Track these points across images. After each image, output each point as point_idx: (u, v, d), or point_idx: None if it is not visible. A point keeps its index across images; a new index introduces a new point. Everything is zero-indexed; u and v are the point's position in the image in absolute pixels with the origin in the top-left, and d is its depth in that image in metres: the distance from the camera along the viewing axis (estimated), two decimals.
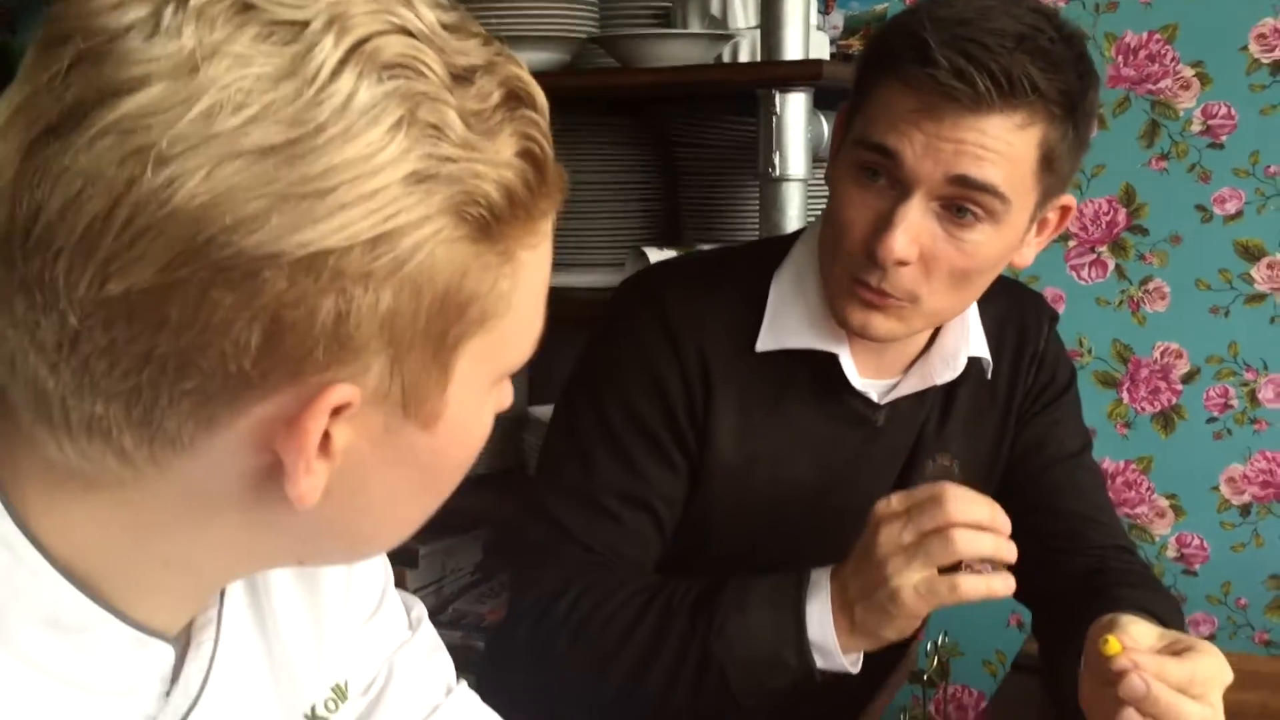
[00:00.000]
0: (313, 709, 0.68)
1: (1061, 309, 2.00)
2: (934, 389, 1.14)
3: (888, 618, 0.93)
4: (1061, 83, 0.94)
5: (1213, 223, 1.92)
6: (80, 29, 0.44)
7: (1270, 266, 1.91)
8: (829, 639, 0.95)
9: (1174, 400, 1.96)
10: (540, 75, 1.56)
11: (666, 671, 1.00)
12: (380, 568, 0.76)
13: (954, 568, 0.93)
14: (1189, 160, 1.90)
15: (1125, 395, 1.99)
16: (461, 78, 0.47)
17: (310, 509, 0.49)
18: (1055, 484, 1.18)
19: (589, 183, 1.90)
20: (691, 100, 1.89)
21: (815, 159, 1.58)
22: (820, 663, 0.96)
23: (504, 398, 0.58)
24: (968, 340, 1.12)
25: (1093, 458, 1.24)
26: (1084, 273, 1.98)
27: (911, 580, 0.91)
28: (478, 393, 0.52)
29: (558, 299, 1.60)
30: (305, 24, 0.44)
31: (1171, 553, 2.00)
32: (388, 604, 0.76)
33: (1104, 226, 1.96)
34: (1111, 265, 1.97)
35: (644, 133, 1.94)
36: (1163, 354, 1.95)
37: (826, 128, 1.62)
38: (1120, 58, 1.90)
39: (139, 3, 0.44)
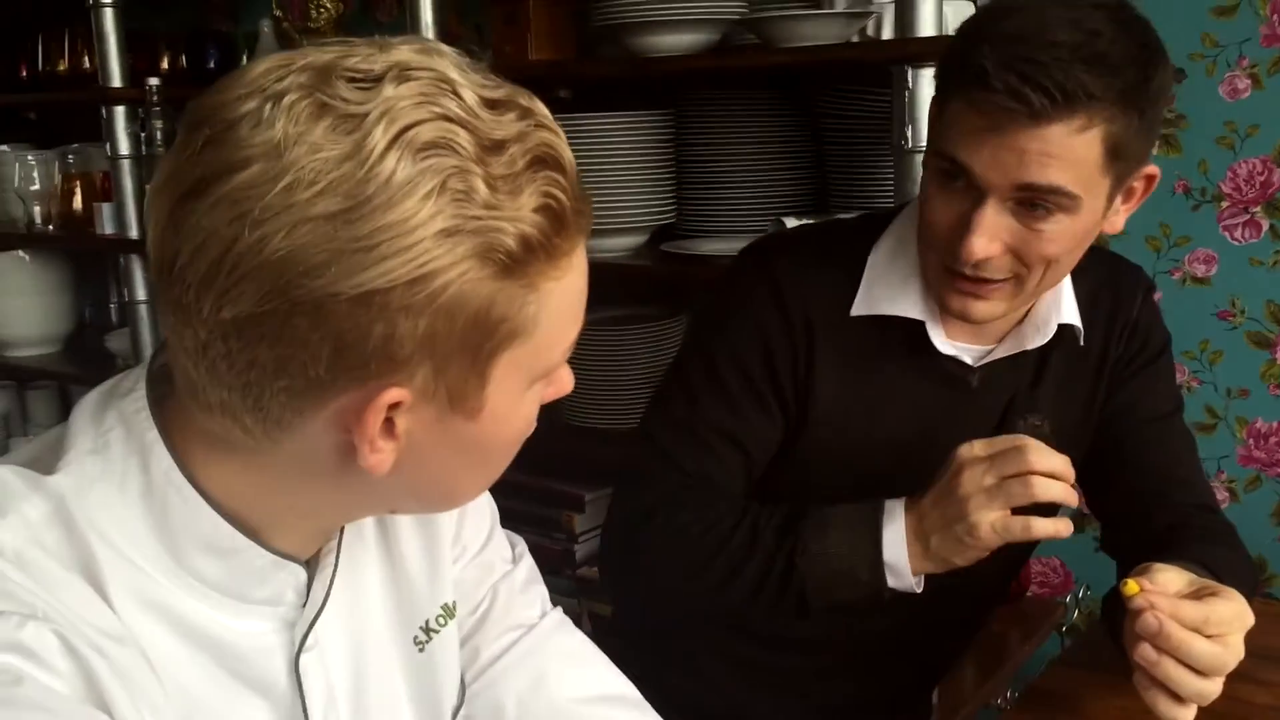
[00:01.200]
0: (426, 622, 0.84)
1: (1214, 270, 2.00)
2: (1029, 354, 1.22)
3: (962, 548, 1.04)
4: (1121, 83, 1.00)
5: None
6: (210, 118, 0.60)
7: None
8: (901, 560, 1.07)
9: None
10: (687, 56, 1.70)
11: (751, 583, 1.13)
12: (488, 513, 0.92)
13: (1025, 510, 1.03)
14: None
15: (1279, 356, 1.98)
16: (492, 148, 0.60)
17: (386, 476, 0.65)
18: (1144, 445, 1.24)
19: (739, 154, 2.02)
20: (836, 74, 1.97)
21: None
22: (891, 581, 1.08)
23: (560, 386, 0.72)
24: (1059, 308, 1.19)
25: (1183, 421, 1.29)
26: (1237, 233, 1.97)
27: (989, 518, 1.02)
28: (516, 391, 0.66)
29: (707, 264, 1.81)
30: (364, 116, 0.58)
31: None
32: (494, 542, 0.92)
33: (1258, 186, 1.94)
34: (1265, 226, 1.95)
35: (793, 106, 2.04)
36: None
37: None
38: (1275, 16, 1.88)
39: (250, 98, 0.59)
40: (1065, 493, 1.01)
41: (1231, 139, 1.95)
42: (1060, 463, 1.01)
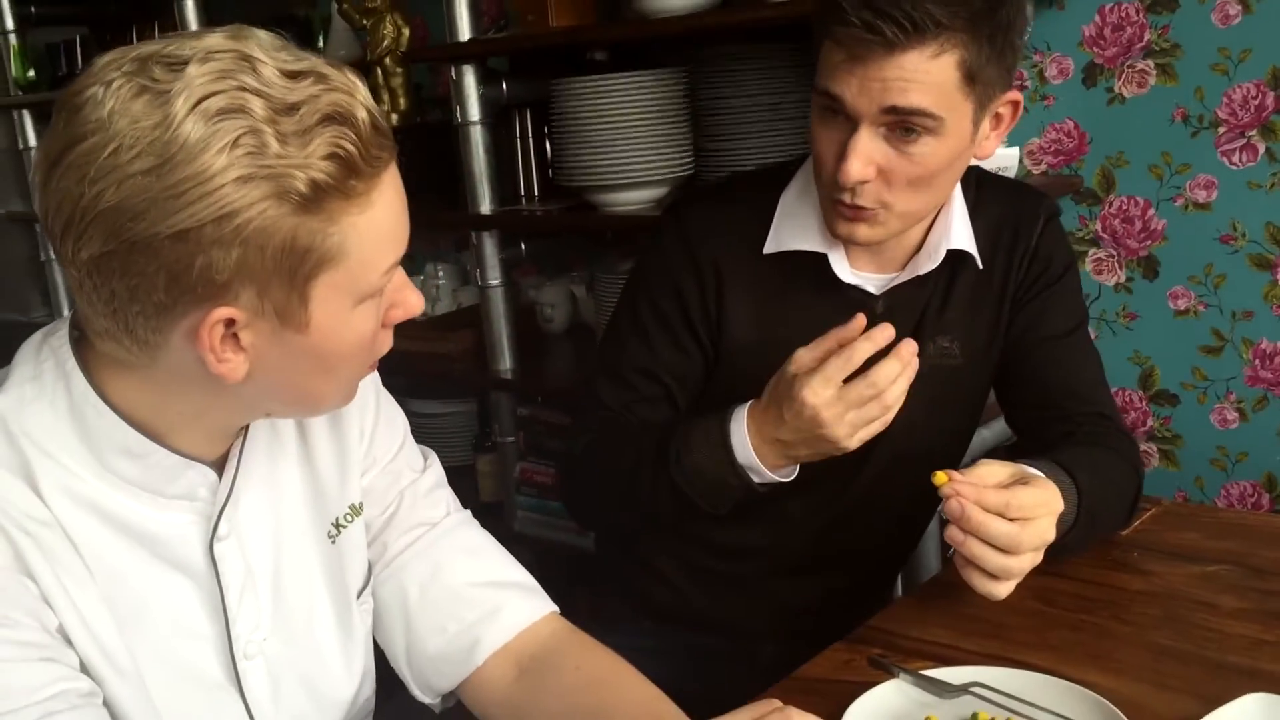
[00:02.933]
0: (337, 519, 1.01)
1: (1214, 195, 2.03)
2: (934, 280, 1.33)
3: (829, 453, 1.20)
4: (966, 12, 1.11)
5: None
6: (68, 103, 0.77)
7: None
8: (753, 461, 1.22)
9: None
10: (691, 15, 1.85)
11: (650, 498, 1.30)
12: (400, 430, 1.08)
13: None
14: None
15: None
16: (284, 110, 0.75)
17: (248, 383, 0.81)
18: (1044, 362, 1.34)
19: (751, 106, 2.13)
20: None
21: None
22: (756, 479, 1.23)
23: (407, 308, 0.87)
24: (949, 235, 1.30)
25: (1087, 336, 1.38)
26: (1234, 157, 2.00)
27: (859, 436, 1.18)
28: (342, 309, 0.81)
29: None
30: (170, 91, 0.73)
31: None
32: (404, 453, 1.08)
33: (1253, 110, 1.97)
34: (1262, 149, 1.98)
35: (802, 58, 2.14)
36: None
37: None
38: None
39: (93, 85, 0.75)
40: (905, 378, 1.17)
41: (1225, 65, 1.98)
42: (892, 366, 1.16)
